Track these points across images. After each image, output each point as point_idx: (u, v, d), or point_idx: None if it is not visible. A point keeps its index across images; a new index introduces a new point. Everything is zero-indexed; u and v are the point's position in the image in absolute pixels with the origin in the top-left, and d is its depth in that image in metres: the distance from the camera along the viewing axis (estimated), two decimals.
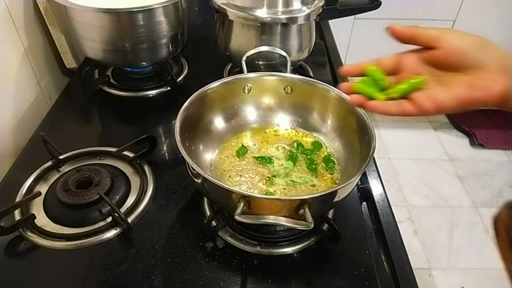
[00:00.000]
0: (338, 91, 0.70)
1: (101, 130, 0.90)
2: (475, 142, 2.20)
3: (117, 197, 0.68)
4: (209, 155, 0.71)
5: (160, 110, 0.93)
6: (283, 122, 0.77)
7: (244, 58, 0.79)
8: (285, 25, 0.87)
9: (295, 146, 0.72)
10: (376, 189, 0.72)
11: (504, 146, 2.20)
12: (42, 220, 0.65)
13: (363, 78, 0.52)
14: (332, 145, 0.73)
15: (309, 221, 0.49)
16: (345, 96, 0.68)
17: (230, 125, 0.76)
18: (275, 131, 0.76)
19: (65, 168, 0.74)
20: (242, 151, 0.71)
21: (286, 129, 0.76)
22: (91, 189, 0.66)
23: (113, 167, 0.74)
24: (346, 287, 0.59)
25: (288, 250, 0.62)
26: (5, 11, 0.84)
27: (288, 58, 0.81)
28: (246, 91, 0.75)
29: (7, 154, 0.84)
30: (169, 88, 0.97)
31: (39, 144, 0.74)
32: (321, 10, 0.91)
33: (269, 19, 0.85)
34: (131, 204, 0.67)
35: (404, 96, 0.49)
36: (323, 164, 0.69)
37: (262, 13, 0.85)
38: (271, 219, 0.50)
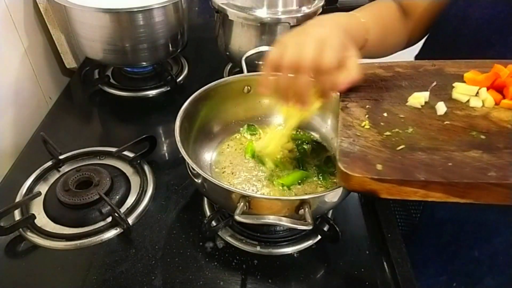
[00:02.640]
0: None
1: (101, 130, 0.90)
2: None
3: (117, 197, 0.68)
4: (209, 155, 0.71)
5: (160, 110, 0.93)
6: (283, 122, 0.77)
7: (244, 58, 0.79)
8: (285, 25, 0.87)
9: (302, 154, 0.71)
10: None
11: None
12: (42, 220, 0.65)
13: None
14: (332, 145, 0.73)
15: (309, 221, 0.49)
16: None
17: (230, 125, 0.76)
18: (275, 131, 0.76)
19: (65, 168, 0.74)
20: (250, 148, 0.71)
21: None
22: (91, 189, 0.66)
23: (113, 167, 0.74)
24: (346, 287, 0.59)
25: (288, 250, 0.62)
26: (5, 11, 0.84)
27: None
28: (246, 91, 0.75)
29: (7, 154, 0.84)
30: (169, 88, 0.98)
31: (39, 144, 0.74)
32: (321, 10, 0.91)
33: (269, 19, 0.85)
34: (131, 204, 0.67)
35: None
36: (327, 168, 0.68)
37: (262, 13, 0.85)
38: (271, 219, 0.50)
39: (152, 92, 0.97)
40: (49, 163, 0.73)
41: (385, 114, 0.54)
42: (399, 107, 0.54)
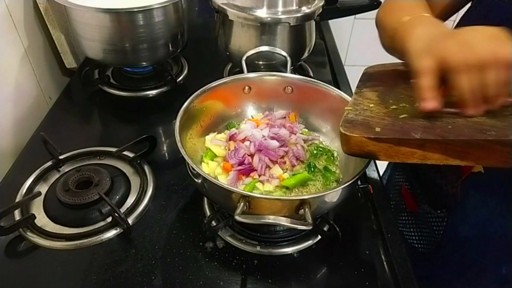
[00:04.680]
0: (339, 91, 0.70)
1: (101, 130, 0.90)
2: None
3: (117, 197, 0.68)
4: None
5: (160, 110, 0.93)
6: None
7: (244, 58, 0.79)
8: (285, 25, 0.87)
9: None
10: (376, 189, 0.72)
11: None
12: (42, 220, 0.65)
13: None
14: (332, 145, 0.73)
15: (309, 221, 0.49)
16: (345, 96, 0.69)
17: (230, 125, 0.75)
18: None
19: (65, 168, 0.74)
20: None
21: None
22: (91, 189, 0.66)
23: (113, 167, 0.74)
24: (346, 287, 0.59)
25: (288, 250, 0.62)
26: (5, 11, 0.84)
27: (288, 58, 0.81)
28: (246, 91, 0.75)
29: (7, 154, 0.84)
30: (169, 88, 0.97)
31: (39, 144, 0.74)
32: (321, 10, 0.91)
33: (269, 19, 0.85)
34: (131, 204, 0.67)
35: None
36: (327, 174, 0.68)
37: (262, 13, 0.85)
38: (271, 219, 0.50)
39: (152, 92, 0.97)
40: (49, 163, 0.73)
41: (396, 95, 0.54)
42: (411, 91, 0.53)
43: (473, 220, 0.64)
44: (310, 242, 0.63)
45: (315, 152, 0.70)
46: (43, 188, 0.70)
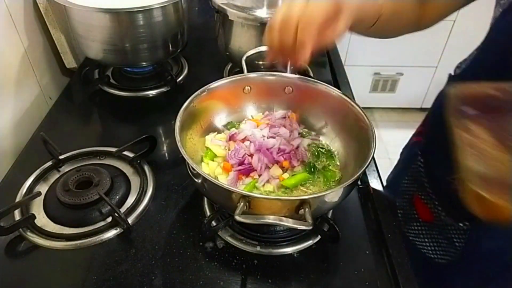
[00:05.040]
0: (339, 91, 0.70)
1: (101, 130, 0.90)
2: None
3: (117, 197, 0.68)
4: None
5: (160, 110, 0.93)
6: None
7: (244, 58, 0.79)
8: None
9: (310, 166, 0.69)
10: (376, 190, 0.72)
11: None
12: (42, 220, 0.65)
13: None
14: (332, 145, 0.73)
15: (309, 221, 0.49)
16: (345, 96, 0.69)
17: (230, 125, 0.75)
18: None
19: (65, 168, 0.74)
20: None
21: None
22: (91, 189, 0.66)
23: (113, 167, 0.74)
24: (346, 287, 0.59)
25: (288, 250, 0.62)
26: (5, 11, 0.84)
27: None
28: (246, 91, 0.75)
29: (7, 154, 0.84)
30: (169, 88, 0.98)
31: (39, 144, 0.75)
32: None
33: (269, 19, 0.85)
34: (131, 204, 0.67)
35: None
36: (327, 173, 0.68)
37: (262, 13, 0.85)
38: (271, 219, 0.50)
39: (152, 92, 0.97)
40: (49, 163, 0.73)
41: (510, 135, 0.47)
42: None
43: (498, 233, 0.62)
44: (310, 242, 0.63)
45: (315, 152, 0.70)
46: (43, 188, 0.70)
